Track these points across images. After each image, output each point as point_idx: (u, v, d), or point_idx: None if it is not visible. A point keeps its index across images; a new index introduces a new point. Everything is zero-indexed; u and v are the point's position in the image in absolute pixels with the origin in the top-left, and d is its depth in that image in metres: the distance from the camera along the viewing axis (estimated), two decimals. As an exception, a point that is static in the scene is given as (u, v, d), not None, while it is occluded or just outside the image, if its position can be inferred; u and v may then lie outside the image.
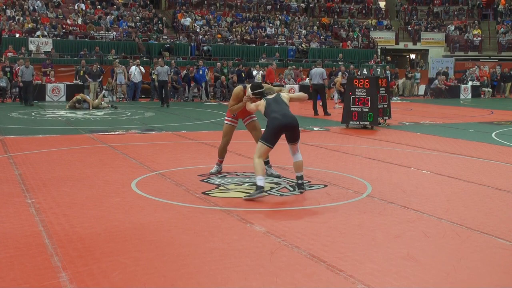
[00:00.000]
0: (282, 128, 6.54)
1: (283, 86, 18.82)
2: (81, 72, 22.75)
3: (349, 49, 32.83)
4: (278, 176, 7.47)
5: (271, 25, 33.84)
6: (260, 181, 6.33)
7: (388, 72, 27.32)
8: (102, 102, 19.61)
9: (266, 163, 7.39)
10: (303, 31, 33.87)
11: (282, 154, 9.04)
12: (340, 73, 23.25)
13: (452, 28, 38.84)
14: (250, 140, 6.94)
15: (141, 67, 23.06)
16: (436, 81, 29.18)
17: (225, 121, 7.70)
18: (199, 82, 24.16)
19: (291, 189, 6.83)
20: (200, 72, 24.06)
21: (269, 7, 36.62)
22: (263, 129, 7.14)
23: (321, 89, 17.92)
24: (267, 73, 25.33)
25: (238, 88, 7.48)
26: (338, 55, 30.97)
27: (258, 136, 7.37)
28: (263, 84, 7.25)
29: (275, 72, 26.15)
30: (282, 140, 6.79)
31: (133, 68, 22.90)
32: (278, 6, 36.96)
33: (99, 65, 22.97)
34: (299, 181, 6.67)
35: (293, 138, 6.67)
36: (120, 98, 23.05)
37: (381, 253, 4.51)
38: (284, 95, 6.87)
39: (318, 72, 17.75)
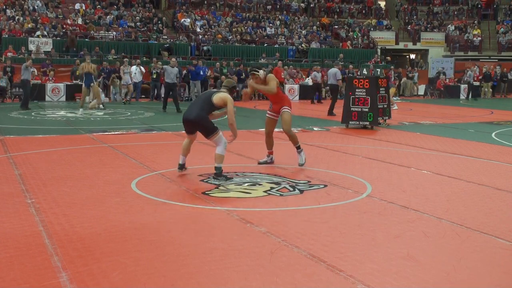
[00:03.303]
0: (183, 121, 7.28)
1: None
2: (77, 72, 22.68)
3: (349, 49, 32.82)
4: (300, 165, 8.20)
5: (271, 25, 33.81)
6: (180, 159, 7.40)
7: (392, 72, 27.39)
8: (101, 106, 19.50)
9: (298, 147, 8.26)
10: (303, 31, 33.85)
11: (283, 154, 9.04)
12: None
13: (452, 28, 38.83)
14: (250, 140, 6.90)
15: (142, 67, 23.00)
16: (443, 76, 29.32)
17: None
18: (197, 78, 23.79)
19: (291, 189, 6.83)
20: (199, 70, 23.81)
21: (269, 7, 36.60)
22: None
23: (332, 89, 18.43)
24: (274, 72, 25.24)
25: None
26: (338, 55, 30.94)
27: (284, 128, 8.21)
28: (227, 79, 8.21)
29: (282, 71, 26.11)
30: (283, 140, 6.76)
31: (133, 68, 22.80)
32: (278, 6, 36.93)
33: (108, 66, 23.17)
34: (215, 171, 7.13)
35: (202, 133, 7.23)
36: (127, 98, 22.57)
37: (381, 253, 4.51)
38: (219, 95, 7.20)
39: (331, 73, 18.07)
